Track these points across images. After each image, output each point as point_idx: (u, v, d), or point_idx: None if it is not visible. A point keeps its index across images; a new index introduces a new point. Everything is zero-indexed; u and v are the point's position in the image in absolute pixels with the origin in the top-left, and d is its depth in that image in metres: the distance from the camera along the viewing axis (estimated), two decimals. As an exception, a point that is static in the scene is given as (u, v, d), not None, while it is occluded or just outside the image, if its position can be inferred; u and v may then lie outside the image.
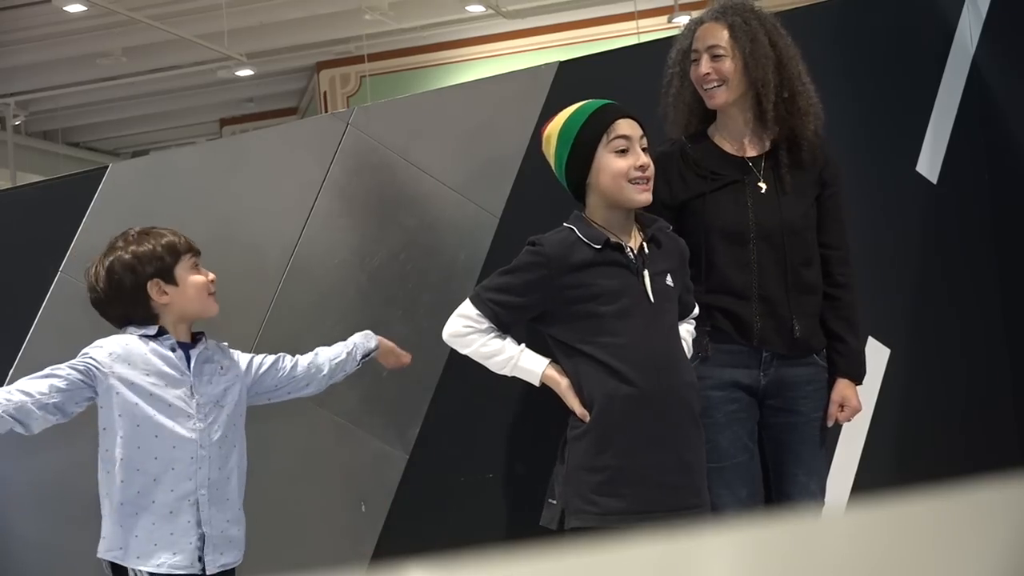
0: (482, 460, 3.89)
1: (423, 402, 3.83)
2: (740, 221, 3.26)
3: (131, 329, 3.09)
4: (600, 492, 2.94)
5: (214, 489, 3.08)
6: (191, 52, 13.72)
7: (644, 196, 3.02)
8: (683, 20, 12.47)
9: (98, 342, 3.05)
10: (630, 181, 2.99)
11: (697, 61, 3.33)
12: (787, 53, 3.34)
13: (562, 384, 3.01)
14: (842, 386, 3.41)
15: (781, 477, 3.37)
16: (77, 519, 3.73)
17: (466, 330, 3.05)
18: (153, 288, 3.06)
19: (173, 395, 3.03)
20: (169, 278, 3.08)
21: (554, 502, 3.05)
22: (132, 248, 3.08)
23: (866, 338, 4.06)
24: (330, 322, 3.79)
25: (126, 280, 3.05)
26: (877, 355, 4.08)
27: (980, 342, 4.19)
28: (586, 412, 2.97)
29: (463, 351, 3.10)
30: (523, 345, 3.07)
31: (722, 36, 3.31)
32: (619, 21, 13.60)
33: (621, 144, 3.01)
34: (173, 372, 3.05)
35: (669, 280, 3.06)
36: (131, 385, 2.99)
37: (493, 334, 3.05)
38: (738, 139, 3.38)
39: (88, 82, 15.16)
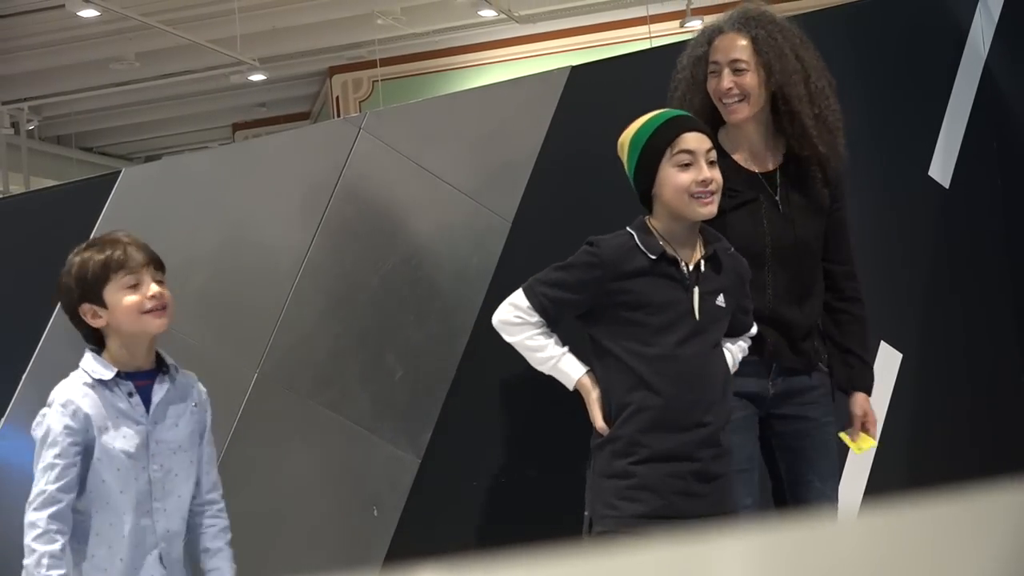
0: (494, 464, 3.89)
1: (435, 407, 3.83)
2: (758, 243, 3.25)
3: (87, 362, 2.90)
4: (622, 497, 2.94)
5: (173, 538, 2.94)
6: (204, 57, 13.76)
7: (707, 210, 3.00)
8: (695, 24, 12.46)
9: (52, 412, 2.83)
10: (692, 196, 2.98)
11: (717, 74, 3.28)
12: (812, 65, 3.30)
13: (592, 395, 3.02)
14: (861, 399, 3.40)
15: (797, 485, 3.36)
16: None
17: (516, 320, 3.06)
18: (87, 313, 2.89)
19: (129, 445, 2.85)
20: (98, 301, 2.89)
21: (587, 513, 3.06)
22: (76, 269, 2.91)
23: (878, 343, 4.06)
24: (342, 326, 3.80)
25: (64, 303, 2.95)
26: (889, 359, 4.08)
27: (992, 346, 4.18)
28: (605, 427, 2.98)
29: (509, 339, 3.11)
30: (567, 348, 3.08)
31: (745, 49, 3.26)
32: (631, 26, 13.60)
33: (685, 159, 2.99)
34: (125, 423, 2.86)
35: (721, 300, 3.05)
36: (92, 447, 2.83)
37: (541, 329, 3.06)
38: (751, 153, 3.35)
39: (101, 87, 15.21)
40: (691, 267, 3.01)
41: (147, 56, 13.96)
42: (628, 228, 3.05)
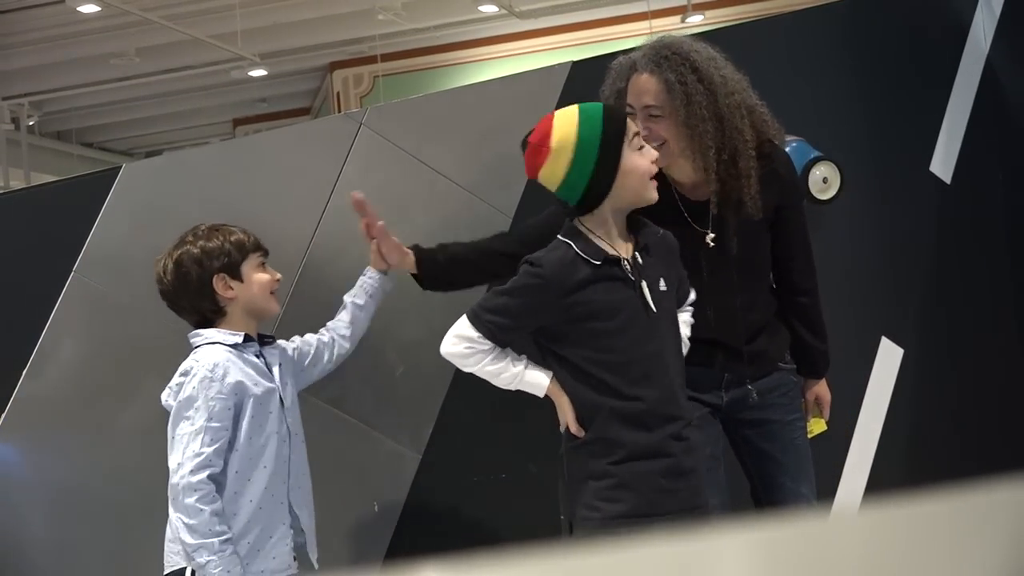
0: (495, 460, 3.89)
1: (436, 403, 3.84)
2: (695, 276, 3.18)
3: (214, 335, 3.15)
4: (602, 497, 2.90)
5: (300, 488, 3.26)
6: (204, 52, 13.75)
7: (654, 192, 2.99)
8: (696, 19, 12.46)
9: (198, 378, 3.05)
10: (649, 179, 2.96)
11: (633, 116, 3.08)
12: (727, 104, 3.09)
13: (564, 399, 2.96)
14: (811, 385, 3.46)
15: (769, 489, 3.34)
16: (90, 519, 3.75)
17: (467, 351, 2.98)
18: (219, 283, 3.16)
19: (271, 403, 3.15)
20: (235, 274, 3.19)
21: (563, 518, 3.02)
22: (201, 243, 3.18)
23: (879, 339, 4.06)
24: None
25: (193, 273, 3.15)
26: (890, 355, 4.08)
27: (993, 342, 4.18)
28: (581, 429, 2.94)
29: (466, 370, 3.04)
30: (525, 358, 3.01)
31: (657, 94, 3.10)
32: (632, 21, 13.59)
33: (639, 142, 2.96)
34: (264, 380, 3.15)
35: (663, 284, 3.01)
36: (243, 409, 3.10)
37: (495, 352, 2.98)
38: (690, 184, 3.22)
39: (101, 82, 15.20)
40: (630, 261, 2.95)
41: (148, 51, 13.95)
42: (560, 238, 2.96)
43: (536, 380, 2.98)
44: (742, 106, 3.12)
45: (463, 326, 2.99)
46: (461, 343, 2.99)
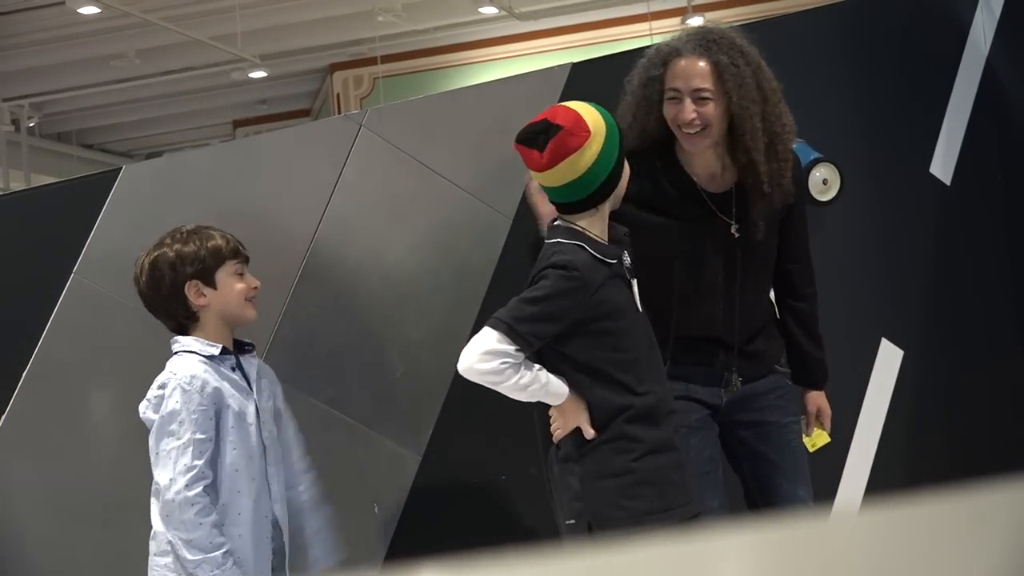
0: (494, 462, 3.89)
1: (436, 404, 3.84)
2: (710, 269, 3.19)
3: (191, 343, 3.11)
4: (627, 495, 2.89)
5: (281, 500, 3.20)
6: (204, 54, 13.74)
7: None
8: (697, 21, 12.46)
9: (177, 391, 3.02)
10: None
11: (678, 100, 3.09)
12: (770, 89, 3.11)
13: (581, 404, 2.93)
14: (813, 396, 3.44)
15: (766, 491, 3.33)
16: (90, 520, 3.75)
17: (503, 366, 2.80)
18: (191, 289, 3.11)
19: (248, 415, 3.12)
20: (209, 280, 3.13)
21: (573, 521, 2.99)
22: (177, 247, 3.12)
23: (879, 340, 4.06)
24: (343, 323, 3.80)
25: (166, 278, 3.11)
26: (891, 357, 4.08)
27: (993, 343, 4.18)
28: (592, 432, 2.92)
29: (496, 387, 2.87)
30: (540, 367, 2.90)
31: (707, 77, 3.06)
32: (632, 23, 13.59)
33: None
34: (240, 394, 3.11)
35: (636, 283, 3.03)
36: (222, 419, 3.07)
37: (524, 364, 2.84)
38: (709, 174, 3.21)
39: (102, 84, 15.18)
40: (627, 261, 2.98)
41: (148, 53, 13.94)
42: (568, 241, 2.90)
43: (558, 389, 2.91)
44: (778, 91, 3.14)
45: (491, 340, 2.81)
46: (494, 359, 2.80)
